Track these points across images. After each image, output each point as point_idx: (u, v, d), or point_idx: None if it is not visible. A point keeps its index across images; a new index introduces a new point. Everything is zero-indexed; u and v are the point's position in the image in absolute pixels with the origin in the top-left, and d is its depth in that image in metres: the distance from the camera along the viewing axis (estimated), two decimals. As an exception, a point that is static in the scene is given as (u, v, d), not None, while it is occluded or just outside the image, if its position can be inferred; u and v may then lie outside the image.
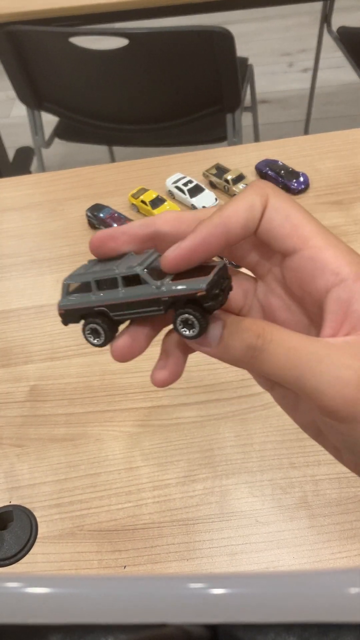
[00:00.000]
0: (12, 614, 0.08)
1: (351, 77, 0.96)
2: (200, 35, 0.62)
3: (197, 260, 0.14)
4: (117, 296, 0.14)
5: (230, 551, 0.25)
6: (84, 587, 0.08)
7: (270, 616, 0.07)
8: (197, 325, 0.14)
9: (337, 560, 0.24)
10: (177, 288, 0.13)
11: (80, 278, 0.15)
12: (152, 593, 0.08)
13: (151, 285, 0.14)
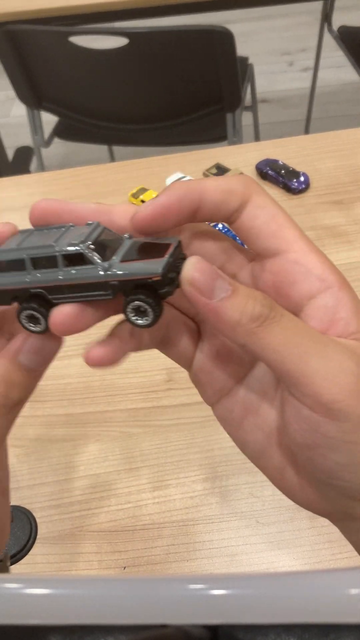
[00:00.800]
0: (12, 614, 0.08)
1: (352, 76, 0.96)
2: (200, 34, 0.62)
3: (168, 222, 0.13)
4: (56, 277, 0.12)
5: (231, 552, 0.25)
6: (83, 587, 0.08)
7: (271, 617, 0.07)
8: (150, 313, 0.12)
9: (338, 561, 0.24)
10: (127, 272, 0.12)
11: (11, 254, 0.13)
12: (152, 594, 0.08)
13: (97, 267, 0.12)
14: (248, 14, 1.01)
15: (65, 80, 0.72)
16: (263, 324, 0.12)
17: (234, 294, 0.12)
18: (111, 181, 0.46)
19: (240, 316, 0.12)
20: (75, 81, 0.72)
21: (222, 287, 0.12)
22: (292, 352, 0.12)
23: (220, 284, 0.12)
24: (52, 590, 0.08)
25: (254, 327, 0.12)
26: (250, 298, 0.12)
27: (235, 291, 0.12)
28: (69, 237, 0.13)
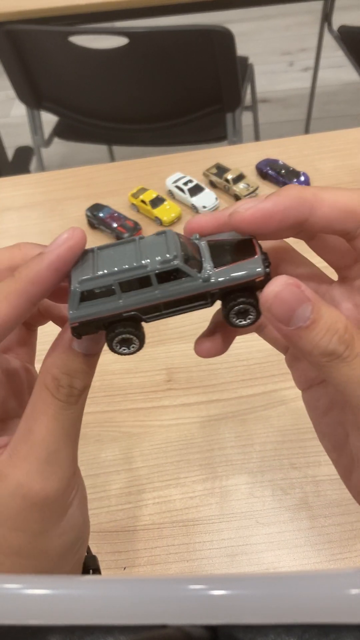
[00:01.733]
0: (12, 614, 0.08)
1: (352, 76, 0.96)
2: (200, 34, 0.62)
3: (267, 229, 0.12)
4: (153, 297, 0.12)
5: (231, 552, 0.25)
6: (83, 588, 0.08)
7: (271, 617, 0.07)
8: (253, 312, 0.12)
9: (338, 561, 0.24)
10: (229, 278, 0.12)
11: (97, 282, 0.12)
12: (152, 594, 0.08)
13: (195, 279, 0.12)
14: (248, 13, 1.01)
15: (65, 80, 0.72)
16: (333, 361, 0.12)
17: (313, 325, 0.11)
18: (111, 181, 0.46)
19: (312, 348, 0.12)
20: (75, 81, 0.72)
21: (302, 316, 0.11)
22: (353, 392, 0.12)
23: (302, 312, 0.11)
24: (51, 591, 0.08)
25: (325, 361, 0.12)
26: (329, 332, 0.11)
27: (314, 323, 0.11)
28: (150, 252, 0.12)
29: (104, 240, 0.42)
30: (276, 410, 0.30)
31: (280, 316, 0.12)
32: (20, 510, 0.13)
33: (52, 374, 0.13)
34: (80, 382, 0.13)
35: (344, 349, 0.12)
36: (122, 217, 0.42)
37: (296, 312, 0.12)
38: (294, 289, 0.12)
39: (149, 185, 0.44)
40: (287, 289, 0.12)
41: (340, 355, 0.12)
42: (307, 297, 0.12)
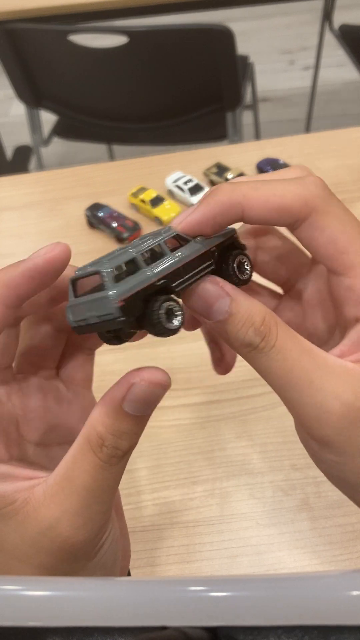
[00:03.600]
0: (12, 616, 0.08)
1: (353, 75, 0.96)
2: (200, 33, 0.62)
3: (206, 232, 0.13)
4: (173, 262, 0.12)
5: (231, 554, 0.25)
6: (83, 589, 0.08)
7: (271, 619, 0.07)
8: (249, 265, 0.14)
9: (339, 563, 0.24)
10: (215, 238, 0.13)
11: (119, 259, 0.12)
12: (152, 596, 0.08)
13: (194, 243, 0.13)
14: (249, 12, 1.01)
15: (64, 79, 0.72)
16: (252, 352, 0.12)
17: (230, 318, 0.12)
18: (111, 180, 0.46)
19: (232, 341, 0.12)
20: (75, 80, 0.72)
21: (221, 310, 0.12)
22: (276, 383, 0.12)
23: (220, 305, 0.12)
24: (51, 592, 0.08)
25: (246, 352, 0.12)
26: (245, 324, 0.12)
27: (232, 316, 0.12)
28: (143, 240, 0.13)
29: (104, 240, 0.42)
30: (277, 410, 0.30)
31: (199, 310, 0.13)
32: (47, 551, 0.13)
33: (98, 432, 0.12)
34: (126, 444, 0.13)
35: (259, 340, 0.12)
36: (121, 217, 0.42)
37: (214, 307, 0.12)
38: (210, 286, 0.13)
39: (149, 185, 0.44)
40: (204, 286, 0.13)
41: (257, 347, 0.12)
42: (226, 292, 0.12)
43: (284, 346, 0.12)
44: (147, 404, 0.13)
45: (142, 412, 0.13)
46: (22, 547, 0.13)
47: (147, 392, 0.12)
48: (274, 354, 0.12)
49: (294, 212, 0.12)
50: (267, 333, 0.12)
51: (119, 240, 0.41)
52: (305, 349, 0.12)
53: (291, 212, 0.12)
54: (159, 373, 0.12)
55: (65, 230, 0.43)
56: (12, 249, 0.42)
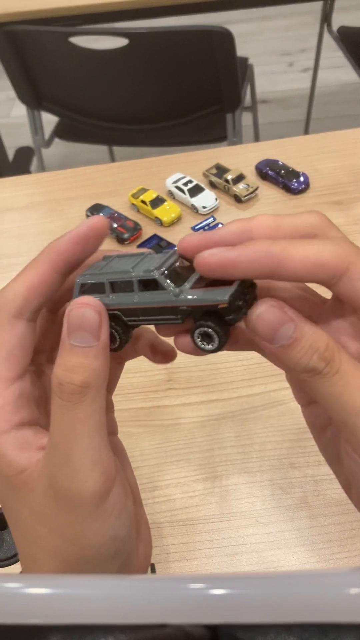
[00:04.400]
0: (12, 614, 0.08)
1: (351, 76, 0.96)
2: (200, 35, 0.62)
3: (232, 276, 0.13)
4: (131, 301, 0.13)
5: (231, 551, 0.25)
6: (84, 587, 0.08)
7: (270, 616, 0.07)
8: (216, 339, 0.13)
9: (338, 561, 0.24)
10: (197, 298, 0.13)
11: (93, 278, 0.14)
12: (152, 593, 0.08)
13: (169, 292, 0.13)
14: (248, 14, 1.01)
15: (65, 80, 0.72)
16: (314, 377, 0.12)
17: (294, 343, 0.12)
18: (111, 181, 0.47)
19: (294, 365, 0.12)
20: (76, 81, 0.72)
21: (285, 335, 0.12)
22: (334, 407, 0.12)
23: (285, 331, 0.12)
24: (52, 590, 0.08)
25: (308, 377, 0.12)
26: (310, 350, 0.12)
27: (296, 341, 0.12)
28: (147, 263, 0.14)
29: (104, 240, 0.42)
30: (276, 410, 0.30)
31: (264, 335, 0.13)
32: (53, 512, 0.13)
33: (54, 373, 0.13)
34: (79, 378, 0.13)
35: (323, 365, 0.12)
36: (122, 218, 0.42)
37: (279, 332, 0.12)
38: (276, 310, 0.12)
39: (149, 186, 0.44)
40: (270, 311, 0.12)
41: (321, 372, 0.12)
42: (290, 317, 0.12)
43: (347, 372, 0.12)
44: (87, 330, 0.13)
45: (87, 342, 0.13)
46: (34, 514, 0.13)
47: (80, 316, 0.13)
48: (337, 379, 0.12)
49: (331, 267, 0.13)
50: (331, 359, 0.12)
51: (119, 241, 0.42)
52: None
53: (328, 267, 0.12)
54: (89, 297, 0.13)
55: (66, 231, 0.43)
56: (13, 249, 0.42)
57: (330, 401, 0.12)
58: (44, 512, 0.13)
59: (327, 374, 0.12)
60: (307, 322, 0.13)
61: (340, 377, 0.12)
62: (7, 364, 0.14)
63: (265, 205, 0.43)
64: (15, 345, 0.14)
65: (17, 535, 0.14)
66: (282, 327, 0.12)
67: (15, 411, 0.14)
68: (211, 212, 0.43)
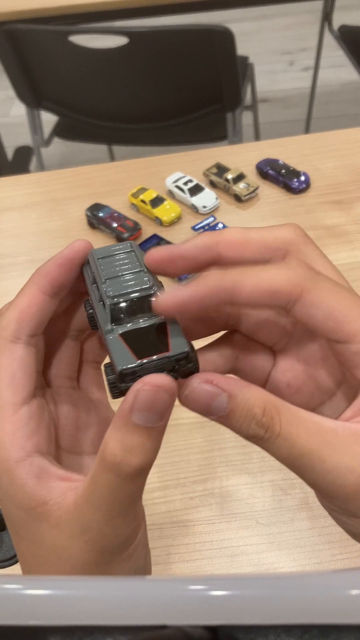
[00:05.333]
0: (11, 615, 0.08)
1: (352, 76, 0.96)
2: (200, 33, 0.62)
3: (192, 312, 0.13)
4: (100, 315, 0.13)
5: (231, 552, 0.25)
6: (83, 588, 0.08)
7: (271, 618, 0.07)
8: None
9: (338, 562, 0.24)
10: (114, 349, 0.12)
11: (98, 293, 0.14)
12: (152, 594, 0.08)
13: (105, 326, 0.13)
14: (248, 13, 1.01)
15: (65, 79, 0.72)
16: (259, 442, 0.12)
17: (230, 414, 0.12)
18: (111, 181, 0.46)
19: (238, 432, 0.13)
20: (75, 80, 0.72)
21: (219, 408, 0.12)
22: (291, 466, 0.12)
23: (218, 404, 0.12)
24: (51, 591, 0.08)
25: (254, 442, 0.13)
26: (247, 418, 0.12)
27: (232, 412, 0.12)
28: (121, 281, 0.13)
29: (104, 240, 0.42)
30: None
31: (198, 410, 0.13)
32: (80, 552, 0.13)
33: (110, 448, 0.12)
34: (138, 460, 0.12)
35: (263, 432, 0.12)
36: (122, 217, 0.42)
37: (212, 406, 0.12)
38: (204, 387, 0.12)
39: (149, 185, 0.44)
40: (197, 389, 0.12)
41: (262, 437, 0.12)
42: (222, 389, 0.12)
43: (289, 432, 0.12)
44: (154, 412, 0.12)
45: (151, 423, 0.13)
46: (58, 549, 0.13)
47: (152, 397, 0.12)
48: (280, 442, 0.12)
49: (284, 294, 0.13)
50: (269, 424, 0.12)
51: (119, 241, 0.42)
52: (312, 430, 0.12)
53: (281, 294, 0.12)
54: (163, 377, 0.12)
55: (65, 231, 0.43)
56: (12, 249, 0.42)
57: (281, 461, 0.13)
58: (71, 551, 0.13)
59: (268, 439, 0.12)
60: (242, 387, 0.12)
61: (283, 440, 0.12)
62: (12, 388, 0.13)
63: (265, 204, 0.43)
64: (17, 369, 0.14)
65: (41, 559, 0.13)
66: (214, 401, 0.12)
67: (28, 437, 0.13)
68: (211, 211, 0.43)
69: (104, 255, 0.14)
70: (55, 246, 0.42)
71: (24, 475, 0.13)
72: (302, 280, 0.13)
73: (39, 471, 0.13)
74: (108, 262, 0.14)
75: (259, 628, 0.07)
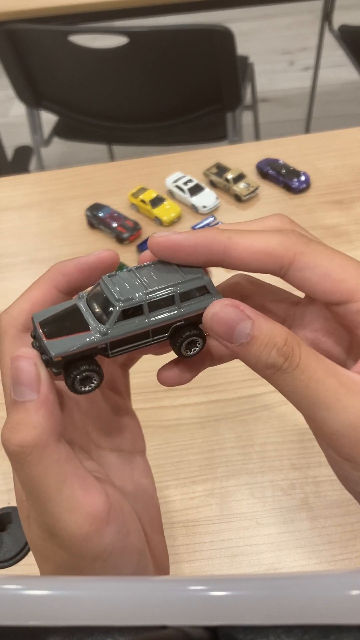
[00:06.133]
0: (11, 615, 0.08)
1: (352, 75, 0.96)
2: (200, 33, 0.62)
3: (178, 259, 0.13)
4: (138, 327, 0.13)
5: (231, 553, 0.25)
6: (83, 589, 0.08)
7: (271, 618, 0.07)
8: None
9: (338, 562, 0.24)
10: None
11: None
12: (152, 595, 0.08)
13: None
14: (248, 13, 1.01)
15: (64, 79, 0.72)
16: (275, 374, 0.12)
17: (252, 341, 0.12)
18: (111, 181, 0.46)
19: (255, 362, 0.12)
20: (75, 80, 0.72)
21: (243, 333, 0.12)
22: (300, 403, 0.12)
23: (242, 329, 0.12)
24: (51, 592, 0.08)
25: (269, 374, 0.12)
26: (268, 346, 0.12)
27: (254, 338, 0.12)
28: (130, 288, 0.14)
29: (104, 240, 0.42)
30: (276, 410, 0.30)
31: (221, 334, 0.13)
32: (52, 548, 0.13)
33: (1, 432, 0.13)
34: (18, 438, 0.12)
35: (283, 361, 0.12)
36: (121, 217, 0.42)
37: (236, 330, 0.12)
38: (231, 309, 0.12)
39: (149, 185, 0.44)
40: (225, 310, 0.12)
41: (281, 367, 0.12)
42: (247, 315, 0.12)
43: (308, 365, 0.12)
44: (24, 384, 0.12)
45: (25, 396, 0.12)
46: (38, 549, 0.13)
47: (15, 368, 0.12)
48: (298, 374, 0.12)
49: (277, 256, 0.13)
50: (290, 353, 0.12)
51: (119, 241, 0.41)
52: (330, 368, 0.12)
53: (274, 256, 0.13)
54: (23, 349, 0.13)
55: (65, 231, 0.43)
56: (12, 249, 0.42)
57: (295, 396, 0.12)
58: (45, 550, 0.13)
59: (287, 369, 0.12)
60: (265, 319, 0.13)
61: (301, 372, 0.12)
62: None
63: (265, 204, 0.43)
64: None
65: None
66: (238, 325, 0.12)
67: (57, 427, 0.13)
68: (211, 211, 0.43)
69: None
70: (55, 246, 0.42)
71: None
72: (294, 244, 0.13)
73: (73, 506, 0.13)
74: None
75: (259, 628, 0.07)
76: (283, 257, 0.13)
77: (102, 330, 0.13)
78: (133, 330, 0.13)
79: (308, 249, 0.13)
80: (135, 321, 0.13)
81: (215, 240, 0.13)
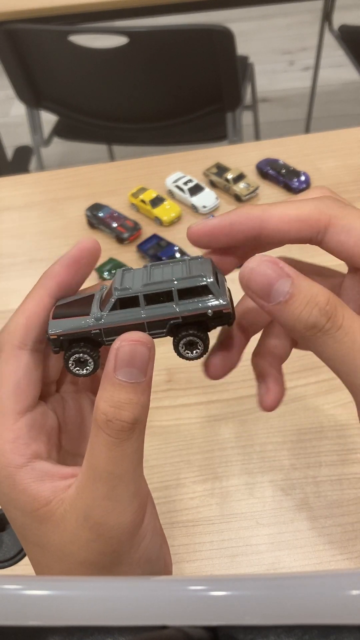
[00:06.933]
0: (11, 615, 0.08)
1: (352, 75, 0.96)
2: (200, 33, 0.62)
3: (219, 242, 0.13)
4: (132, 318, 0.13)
5: (231, 553, 0.25)
6: (83, 589, 0.08)
7: (271, 618, 0.07)
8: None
9: (338, 562, 0.24)
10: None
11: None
12: (152, 595, 0.08)
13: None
14: (248, 13, 1.01)
15: (64, 79, 0.72)
16: (316, 335, 0.12)
17: (291, 299, 0.12)
18: (111, 181, 0.46)
19: (294, 323, 0.12)
20: (75, 80, 0.72)
21: (281, 291, 0.12)
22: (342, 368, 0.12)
23: (280, 286, 0.12)
24: (51, 592, 0.08)
25: (310, 335, 0.12)
26: (309, 305, 0.11)
27: (293, 297, 0.12)
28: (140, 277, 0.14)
29: (104, 240, 0.42)
30: (276, 410, 0.30)
31: (258, 291, 0.12)
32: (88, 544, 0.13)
33: (101, 409, 0.12)
34: (129, 414, 0.12)
35: (325, 320, 0.11)
36: (121, 217, 0.42)
37: (274, 287, 0.12)
38: (270, 265, 0.12)
39: (149, 185, 0.44)
40: (263, 265, 0.12)
41: (323, 328, 0.11)
42: (286, 272, 0.12)
43: (352, 327, 0.11)
44: (136, 367, 0.12)
45: (135, 378, 0.12)
46: (64, 546, 0.13)
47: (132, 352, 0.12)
48: (341, 336, 0.11)
49: (312, 222, 0.12)
50: (333, 313, 0.11)
51: (119, 241, 0.41)
52: None
53: (309, 222, 0.12)
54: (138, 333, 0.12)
55: (65, 231, 0.43)
56: (12, 249, 0.42)
57: (337, 361, 0.12)
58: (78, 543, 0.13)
59: (329, 329, 0.11)
60: (305, 278, 0.12)
61: (344, 334, 0.11)
62: (15, 397, 0.14)
63: (265, 204, 0.43)
64: (22, 377, 0.14)
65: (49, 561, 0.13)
66: (277, 282, 0.12)
67: (28, 445, 0.13)
68: (211, 211, 0.43)
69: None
70: (55, 246, 0.42)
71: (25, 480, 0.13)
72: (329, 209, 0.12)
73: (40, 474, 0.13)
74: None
75: (259, 628, 0.07)
76: (318, 222, 0.12)
77: (97, 316, 0.13)
78: (127, 320, 0.13)
79: (343, 212, 0.13)
80: (130, 312, 0.13)
81: (250, 214, 0.12)
